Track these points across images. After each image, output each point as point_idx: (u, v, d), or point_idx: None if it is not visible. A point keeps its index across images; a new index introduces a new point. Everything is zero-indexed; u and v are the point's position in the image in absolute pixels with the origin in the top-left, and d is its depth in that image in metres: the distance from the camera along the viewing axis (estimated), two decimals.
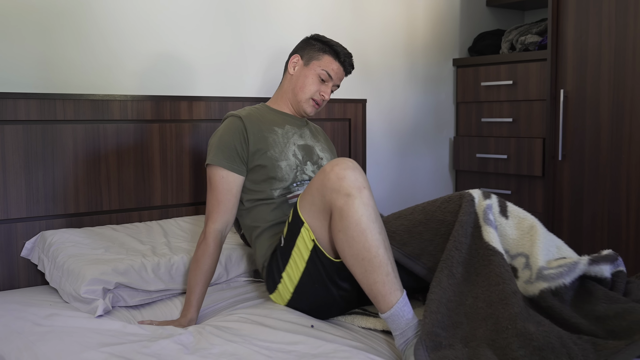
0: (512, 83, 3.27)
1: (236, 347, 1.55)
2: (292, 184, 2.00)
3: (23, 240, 2.14)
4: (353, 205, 1.51)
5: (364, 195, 1.53)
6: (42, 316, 1.79)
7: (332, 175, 1.57)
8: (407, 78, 3.36)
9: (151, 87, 2.46)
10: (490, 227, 1.61)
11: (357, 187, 1.53)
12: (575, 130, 3.00)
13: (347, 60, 2.12)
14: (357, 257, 1.51)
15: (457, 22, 3.55)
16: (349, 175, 1.54)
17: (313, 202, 1.66)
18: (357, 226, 1.51)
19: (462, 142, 3.52)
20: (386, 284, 1.51)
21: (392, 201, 3.32)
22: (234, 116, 2.04)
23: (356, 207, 1.51)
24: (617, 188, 2.87)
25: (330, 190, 1.57)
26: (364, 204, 1.52)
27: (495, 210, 1.68)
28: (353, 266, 1.54)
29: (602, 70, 2.89)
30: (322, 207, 1.62)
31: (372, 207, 1.54)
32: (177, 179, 2.47)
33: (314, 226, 1.68)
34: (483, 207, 1.66)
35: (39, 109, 2.14)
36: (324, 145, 2.19)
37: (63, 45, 2.25)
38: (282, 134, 2.06)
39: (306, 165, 2.05)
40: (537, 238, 1.63)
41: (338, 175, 1.55)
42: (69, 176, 2.22)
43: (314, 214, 1.67)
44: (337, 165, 1.58)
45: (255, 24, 2.75)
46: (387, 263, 1.52)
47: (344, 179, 1.54)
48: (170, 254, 2.06)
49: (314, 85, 2.09)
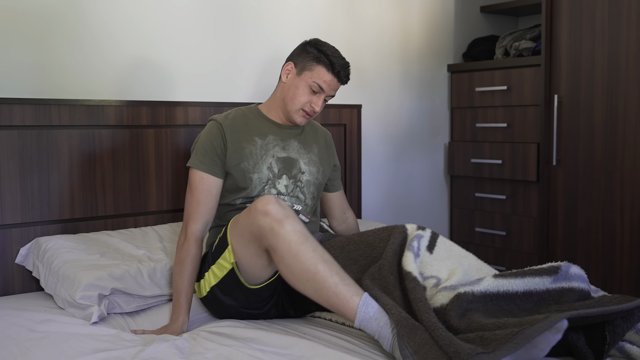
0: (506, 88, 3.28)
1: (231, 350, 1.56)
2: (257, 195, 2.01)
3: (18, 247, 2.14)
4: (280, 236, 1.59)
5: (288, 223, 1.60)
6: (37, 322, 1.79)
7: (257, 214, 1.65)
8: (402, 83, 3.37)
9: (146, 93, 2.46)
10: (410, 252, 1.72)
11: (278, 220, 1.60)
12: (569, 135, 3.01)
13: (342, 72, 2.03)
14: (302, 281, 1.57)
15: (451, 28, 3.57)
16: (270, 210, 1.62)
17: (242, 233, 1.74)
18: (289, 253, 1.58)
19: (456, 147, 3.53)
20: (340, 295, 1.55)
21: (387, 206, 3.33)
22: (215, 121, 2.05)
23: (283, 236, 1.59)
24: (612, 192, 2.88)
25: (258, 227, 1.65)
26: (289, 231, 1.59)
27: (424, 242, 1.80)
28: (304, 291, 1.59)
29: (595, 76, 2.91)
30: (249, 238, 1.71)
31: (299, 230, 1.61)
32: (173, 184, 2.47)
33: (238, 252, 1.76)
34: (412, 235, 1.80)
35: (34, 115, 2.14)
36: (314, 158, 2.13)
37: (58, 51, 2.25)
38: (261, 145, 2.04)
39: (280, 179, 2.03)
40: (455, 271, 1.72)
41: (261, 212, 1.64)
42: (64, 182, 2.22)
43: (241, 242, 1.75)
44: (260, 202, 1.66)
45: (250, 29, 2.76)
46: (332, 274, 1.56)
47: (266, 214, 1.62)
48: (167, 259, 2.06)
49: (305, 96, 2.03)
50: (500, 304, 1.58)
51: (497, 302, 1.58)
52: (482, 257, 3.49)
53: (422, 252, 1.77)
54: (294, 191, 2.04)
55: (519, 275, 1.61)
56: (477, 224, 3.50)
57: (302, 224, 1.65)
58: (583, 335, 1.48)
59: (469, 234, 3.55)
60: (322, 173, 2.15)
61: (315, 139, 2.18)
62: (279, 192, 2.01)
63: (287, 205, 1.67)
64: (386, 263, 1.72)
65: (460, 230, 3.60)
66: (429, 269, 1.74)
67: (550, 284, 1.61)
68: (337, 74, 2.02)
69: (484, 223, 3.48)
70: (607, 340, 1.45)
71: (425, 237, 1.80)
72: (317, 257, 1.56)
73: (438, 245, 1.82)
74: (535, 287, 1.61)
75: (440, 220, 3.62)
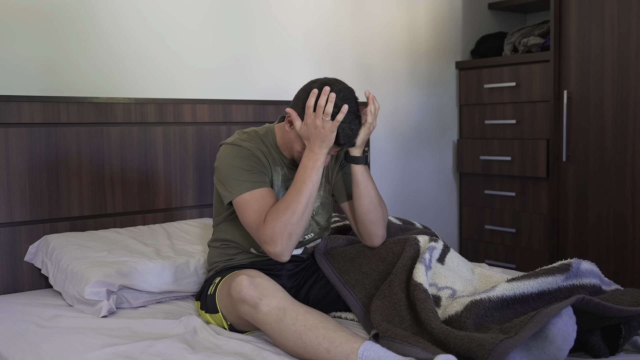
0: (515, 85, 3.26)
1: (242, 344, 1.55)
2: None
3: (27, 244, 2.14)
4: (259, 321, 1.56)
5: (263, 305, 1.55)
6: (46, 318, 1.79)
7: (236, 303, 1.61)
8: (409, 81, 3.35)
9: (154, 90, 2.46)
10: (422, 265, 1.71)
11: (253, 305, 1.56)
12: (579, 131, 2.99)
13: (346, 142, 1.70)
14: (297, 353, 1.52)
15: (459, 25, 3.56)
16: (244, 296, 1.57)
17: (230, 310, 1.70)
18: (272, 333, 1.54)
19: (465, 145, 3.51)
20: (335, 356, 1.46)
21: (396, 204, 3.31)
22: (239, 146, 1.79)
23: (262, 320, 1.55)
24: (622, 188, 2.85)
25: (240, 313, 1.62)
26: (265, 313, 1.54)
27: (436, 255, 1.79)
28: (302, 358, 1.53)
29: (605, 71, 2.88)
30: (237, 315, 1.67)
31: (275, 306, 1.55)
32: (181, 181, 2.47)
33: (231, 320, 1.73)
34: (424, 248, 1.79)
35: (42, 112, 2.15)
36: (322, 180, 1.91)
37: (67, 49, 2.26)
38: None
39: None
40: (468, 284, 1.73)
41: (238, 300, 1.59)
42: (73, 179, 2.22)
43: (230, 316, 1.71)
44: (234, 289, 1.60)
45: (257, 28, 2.75)
46: (320, 342, 1.47)
47: (243, 301, 1.58)
48: (175, 257, 2.05)
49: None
50: (516, 307, 1.56)
51: (513, 307, 1.56)
52: (492, 254, 3.47)
53: (434, 264, 1.76)
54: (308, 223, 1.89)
55: (532, 277, 1.60)
56: (487, 222, 3.48)
57: (280, 294, 1.57)
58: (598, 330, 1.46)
59: (479, 231, 3.53)
60: (329, 189, 1.95)
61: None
62: None
63: (260, 281, 1.59)
64: (396, 279, 1.71)
65: (469, 227, 3.58)
66: (442, 280, 1.72)
67: (562, 282, 1.60)
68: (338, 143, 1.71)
69: (493, 220, 3.45)
70: (622, 333, 1.43)
71: (437, 249, 1.80)
72: (299, 329, 1.49)
73: (449, 257, 1.82)
74: (549, 286, 1.60)
75: (450, 218, 3.61)
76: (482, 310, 1.52)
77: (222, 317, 1.74)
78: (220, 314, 1.74)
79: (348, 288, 1.83)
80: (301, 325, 1.49)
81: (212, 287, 1.81)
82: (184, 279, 2.02)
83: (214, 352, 1.54)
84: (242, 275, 1.60)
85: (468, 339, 1.36)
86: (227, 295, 1.67)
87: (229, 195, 1.75)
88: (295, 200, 1.65)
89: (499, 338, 1.32)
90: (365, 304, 1.76)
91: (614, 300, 1.49)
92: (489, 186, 3.47)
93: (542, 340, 1.34)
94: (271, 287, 1.58)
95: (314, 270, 1.91)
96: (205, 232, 2.28)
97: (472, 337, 1.36)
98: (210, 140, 2.52)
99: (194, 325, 1.71)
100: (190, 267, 2.04)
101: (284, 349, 1.53)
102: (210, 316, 1.78)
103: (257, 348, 1.53)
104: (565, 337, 1.33)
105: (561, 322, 1.33)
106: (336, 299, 1.85)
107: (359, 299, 1.79)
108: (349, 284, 1.83)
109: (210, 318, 1.78)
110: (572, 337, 1.34)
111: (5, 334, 1.70)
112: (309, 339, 1.47)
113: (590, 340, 1.44)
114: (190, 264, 2.04)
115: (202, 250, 2.12)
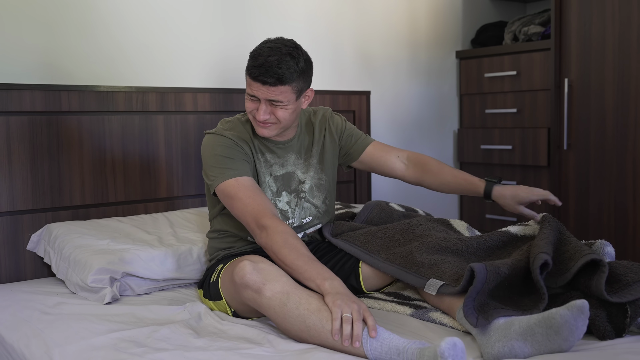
0: (515, 74, 3.26)
1: (247, 329, 1.55)
2: None
3: (29, 233, 2.14)
4: (262, 306, 1.55)
5: (266, 290, 1.54)
6: (50, 305, 1.79)
7: (239, 288, 1.59)
8: (410, 70, 3.35)
9: (156, 79, 2.45)
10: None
11: (257, 289, 1.55)
12: (580, 119, 2.99)
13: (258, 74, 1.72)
14: (301, 337, 1.51)
15: (459, 14, 3.55)
16: (247, 281, 1.56)
17: (233, 297, 1.69)
18: (276, 317, 1.53)
19: (466, 134, 3.51)
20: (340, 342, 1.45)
21: (397, 194, 3.31)
22: (221, 136, 1.84)
23: (266, 305, 1.54)
24: (624, 176, 2.86)
25: (244, 298, 1.60)
26: (269, 298, 1.53)
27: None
28: (307, 342, 1.51)
29: (606, 58, 2.88)
30: (241, 302, 1.66)
31: (279, 291, 1.53)
32: (183, 170, 2.46)
33: (235, 307, 1.72)
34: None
35: (44, 100, 2.14)
36: (312, 161, 1.95)
37: (67, 37, 2.25)
38: (263, 162, 1.90)
39: (280, 196, 1.90)
40: None
41: (241, 286, 1.58)
42: (75, 168, 2.22)
43: (234, 302, 1.71)
44: (237, 274, 1.59)
45: (258, 15, 2.74)
46: (323, 324, 1.46)
47: (246, 287, 1.57)
48: (178, 244, 2.05)
49: (249, 105, 1.80)
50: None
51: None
52: None
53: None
54: (298, 204, 1.92)
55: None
56: (488, 211, 3.48)
57: (283, 279, 1.56)
58: (604, 312, 1.46)
59: (480, 220, 3.53)
60: (326, 170, 1.99)
61: (313, 138, 1.98)
62: (282, 210, 1.90)
63: (263, 266, 1.58)
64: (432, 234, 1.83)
65: (470, 217, 3.58)
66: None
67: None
68: (255, 78, 1.73)
69: (494, 210, 3.46)
70: (629, 313, 1.43)
71: None
72: (303, 312, 1.48)
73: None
74: None
75: (451, 208, 3.61)
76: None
77: (225, 303, 1.74)
78: (224, 301, 1.74)
79: (371, 254, 1.81)
80: (305, 309, 1.49)
81: (214, 275, 1.81)
82: (187, 267, 2.02)
83: (218, 336, 1.54)
84: (245, 260, 1.60)
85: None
86: (230, 282, 1.67)
87: (212, 183, 1.78)
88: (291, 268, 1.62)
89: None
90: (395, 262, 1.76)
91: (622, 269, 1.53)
92: (489, 175, 3.46)
93: (548, 329, 1.35)
94: (274, 272, 1.58)
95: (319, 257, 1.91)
96: (207, 221, 2.27)
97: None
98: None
99: (198, 311, 1.71)
100: (193, 254, 2.04)
101: (288, 333, 1.53)
102: (214, 303, 1.78)
103: (262, 332, 1.53)
104: (572, 330, 1.33)
105: (569, 316, 1.33)
106: None
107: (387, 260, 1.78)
108: (373, 252, 1.82)
109: (214, 305, 1.78)
110: (581, 331, 1.35)
111: (9, 321, 1.70)
112: (312, 322, 1.47)
113: (595, 322, 1.44)
114: (193, 252, 2.04)
115: (205, 238, 2.12)
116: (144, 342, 1.49)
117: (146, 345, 1.48)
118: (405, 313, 1.68)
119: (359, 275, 1.83)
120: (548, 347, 1.35)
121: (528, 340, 1.36)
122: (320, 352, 1.40)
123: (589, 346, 1.41)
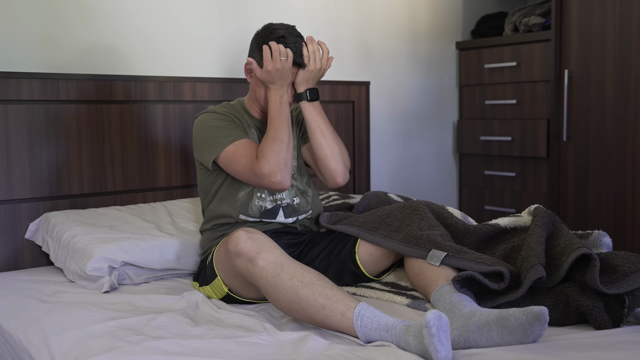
0: (515, 65, 3.25)
1: (244, 318, 1.55)
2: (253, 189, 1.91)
3: (27, 221, 2.14)
4: (255, 275, 1.56)
5: (260, 259, 1.55)
6: (48, 293, 1.79)
7: (232, 256, 1.60)
8: (409, 61, 3.34)
9: (154, 68, 2.44)
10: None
11: (250, 258, 1.56)
12: (579, 110, 2.99)
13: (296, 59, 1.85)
14: (291, 310, 1.53)
15: (459, 5, 3.53)
16: (241, 249, 1.57)
17: (226, 269, 1.70)
18: (268, 287, 1.54)
19: (465, 125, 3.51)
20: (331, 317, 1.47)
21: (396, 185, 3.31)
22: (214, 112, 1.92)
23: (259, 274, 1.55)
24: (623, 168, 2.85)
25: (236, 268, 1.61)
26: (262, 267, 1.54)
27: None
28: (297, 318, 1.54)
29: (606, 50, 2.87)
30: (234, 275, 1.68)
31: (272, 261, 1.55)
32: (182, 160, 2.46)
33: (228, 282, 1.73)
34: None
35: (42, 89, 2.13)
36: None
37: (66, 25, 2.24)
38: (257, 137, 1.95)
39: None
40: None
41: (235, 254, 1.59)
42: (73, 157, 2.21)
43: (228, 277, 1.72)
44: (231, 242, 1.60)
45: (256, 5, 2.73)
46: (316, 298, 1.48)
47: (239, 255, 1.58)
48: (177, 234, 2.05)
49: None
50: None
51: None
52: None
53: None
54: None
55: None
56: (487, 202, 3.48)
57: (278, 251, 1.58)
58: (602, 302, 1.47)
59: (479, 212, 3.53)
60: (298, 152, 2.03)
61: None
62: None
63: (258, 237, 1.60)
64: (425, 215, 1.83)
65: (469, 208, 3.58)
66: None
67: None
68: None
69: (493, 201, 3.46)
70: (626, 303, 1.43)
71: None
72: (296, 284, 1.50)
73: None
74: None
75: (450, 199, 3.61)
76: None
77: (220, 281, 1.74)
78: (218, 279, 1.74)
79: (370, 231, 1.83)
80: (298, 281, 1.51)
81: (209, 257, 1.83)
82: (186, 257, 2.02)
83: (216, 325, 1.54)
84: (240, 230, 1.62)
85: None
86: (224, 253, 1.68)
87: (213, 152, 1.84)
88: (280, 130, 1.79)
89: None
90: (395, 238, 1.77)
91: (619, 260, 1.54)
92: (489, 167, 3.46)
93: (502, 328, 1.38)
94: (269, 243, 1.60)
95: (314, 245, 1.91)
96: None
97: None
98: None
99: (195, 300, 1.71)
100: (193, 244, 2.04)
101: (278, 304, 1.53)
102: (210, 286, 1.78)
103: (259, 321, 1.53)
104: (527, 334, 1.36)
105: (524, 320, 1.36)
106: (338, 272, 1.85)
107: (387, 236, 1.79)
108: (372, 229, 1.83)
109: (210, 289, 1.78)
110: (538, 335, 1.37)
111: (7, 309, 1.70)
112: (305, 294, 1.48)
113: (593, 312, 1.45)
114: (192, 242, 2.04)
115: None
116: (141, 330, 1.50)
117: (143, 333, 1.48)
118: (401, 303, 1.68)
119: (357, 260, 1.83)
120: (502, 344, 1.38)
121: (484, 335, 1.39)
122: (316, 338, 1.41)
123: (586, 335, 1.41)
